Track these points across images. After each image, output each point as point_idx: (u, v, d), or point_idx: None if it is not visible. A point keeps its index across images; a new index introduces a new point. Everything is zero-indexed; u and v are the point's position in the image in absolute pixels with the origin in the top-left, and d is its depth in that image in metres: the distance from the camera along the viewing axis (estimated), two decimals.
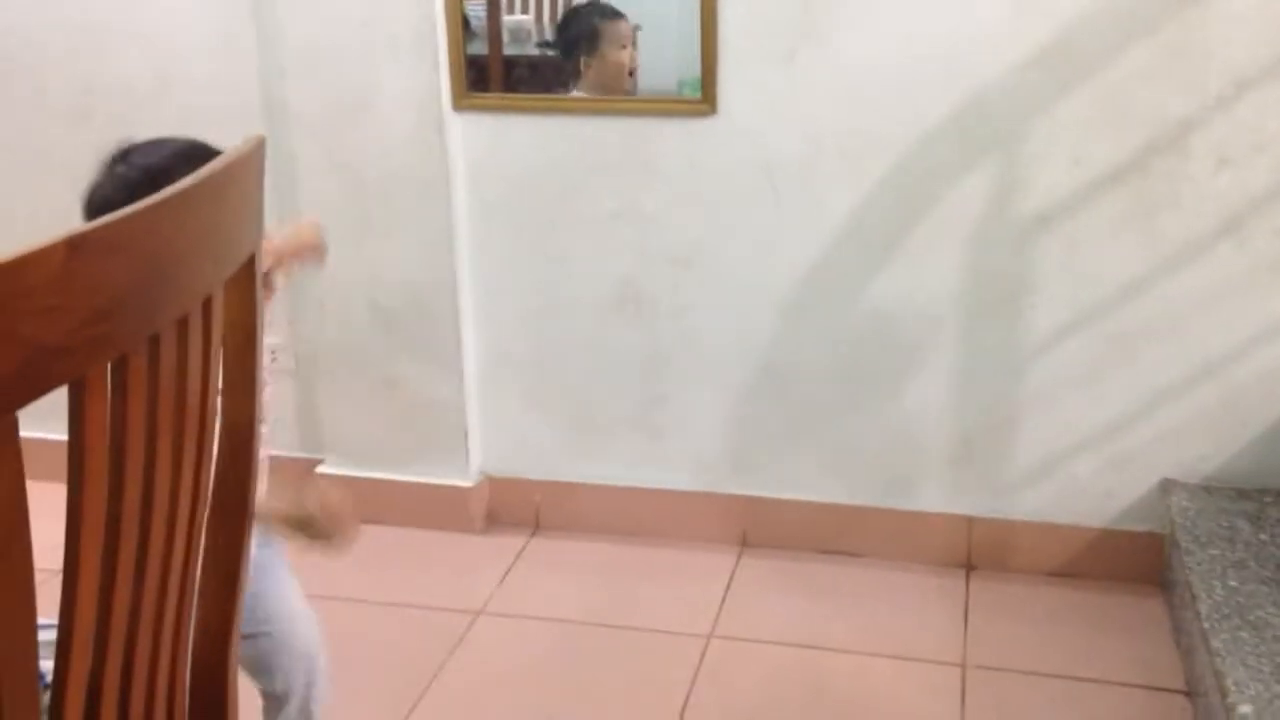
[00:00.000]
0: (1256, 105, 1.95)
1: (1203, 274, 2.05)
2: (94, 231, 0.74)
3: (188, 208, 0.82)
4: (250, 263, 0.95)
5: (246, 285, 0.96)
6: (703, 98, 2.14)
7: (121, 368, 0.79)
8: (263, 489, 1.42)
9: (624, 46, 2.22)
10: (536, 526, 2.51)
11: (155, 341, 0.81)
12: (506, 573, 2.36)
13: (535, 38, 2.74)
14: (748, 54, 2.11)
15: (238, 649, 1.10)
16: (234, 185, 0.88)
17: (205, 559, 1.02)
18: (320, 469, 2.54)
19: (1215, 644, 1.74)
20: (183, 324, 0.85)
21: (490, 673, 2.07)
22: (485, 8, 2.54)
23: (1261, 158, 1.98)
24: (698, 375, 2.34)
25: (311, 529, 1.53)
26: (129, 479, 0.82)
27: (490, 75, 2.40)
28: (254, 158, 0.91)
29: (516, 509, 2.50)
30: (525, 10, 2.77)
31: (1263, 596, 1.84)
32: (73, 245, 0.71)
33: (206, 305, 0.88)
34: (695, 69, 2.14)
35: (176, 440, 0.87)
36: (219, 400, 0.95)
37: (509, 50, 2.60)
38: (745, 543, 2.42)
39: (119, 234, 0.76)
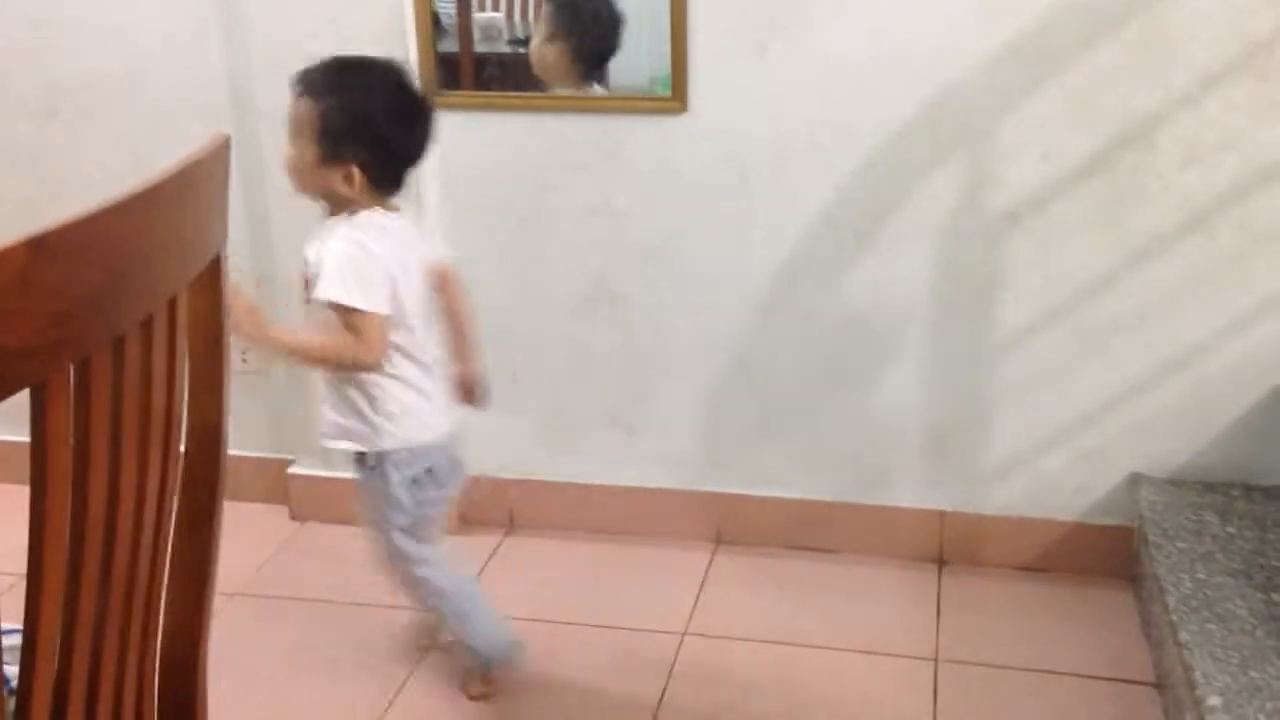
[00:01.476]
0: (1222, 102, 1.97)
1: (1170, 268, 2.07)
2: (56, 233, 0.73)
3: (151, 208, 0.81)
4: (215, 263, 0.94)
5: (212, 285, 0.95)
6: (673, 95, 2.14)
7: (84, 370, 0.78)
8: None
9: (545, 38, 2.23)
10: (510, 525, 2.51)
11: (119, 343, 0.81)
12: (480, 572, 2.36)
13: (506, 35, 2.73)
14: (718, 51, 2.11)
15: (207, 652, 1.09)
16: (198, 185, 0.87)
17: (173, 561, 1.01)
18: (291, 469, 2.53)
19: (1184, 636, 1.75)
20: (147, 325, 0.84)
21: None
22: (455, 5, 2.53)
23: (1227, 154, 1.99)
24: (671, 372, 2.34)
25: None
26: (93, 482, 0.81)
27: (461, 73, 2.39)
28: (219, 157, 0.90)
29: (490, 508, 2.49)
30: (496, 8, 2.76)
31: (1230, 589, 1.85)
32: (33, 247, 0.70)
33: (171, 306, 0.87)
34: (666, 66, 2.13)
35: (142, 442, 0.86)
36: (185, 401, 0.94)
37: (480, 48, 2.59)
38: (719, 539, 2.43)
39: (82, 235, 0.76)
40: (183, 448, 0.97)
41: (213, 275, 0.94)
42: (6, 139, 2.44)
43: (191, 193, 0.86)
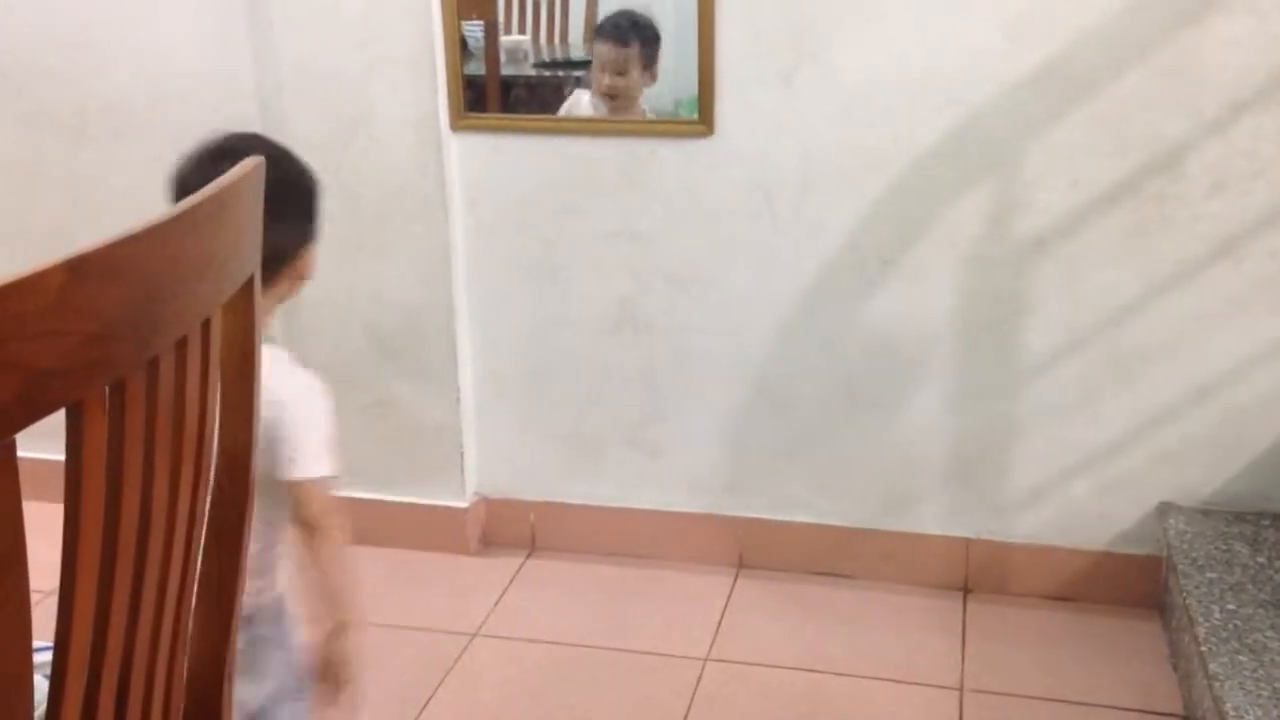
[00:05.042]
0: (1251, 129, 1.96)
1: (1199, 296, 2.06)
2: (93, 255, 0.74)
3: (187, 231, 0.82)
4: (248, 285, 0.95)
5: (245, 308, 0.95)
6: (700, 118, 2.14)
7: (119, 390, 0.79)
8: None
9: (604, 70, 2.24)
10: (532, 547, 2.50)
11: (153, 364, 0.81)
12: (502, 594, 2.35)
13: (532, 58, 2.75)
14: (745, 75, 2.11)
15: (234, 673, 1.09)
16: (233, 208, 0.87)
17: (201, 582, 1.01)
18: None
19: (1213, 668, 1.73)
20: (181, 346, 0.84)
21: (485, 696, 2.06)
22: (483, 29, 2.55)
23: (1257, 181, 1.98)
24: (694, 395, 2.34)
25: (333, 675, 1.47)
26: (126, 502, 0.81)
27: (487, 96, 2.41)
28: (252, 180, 0.91)
29: (512, 530, 2.49)
30: (523, 31, 2.78)
31: (1261, 620, 1.83)
32: (71, 269, 0.70)
33: (205, 328, 0.87)
34: (692, 89, 2.14)
35: (174, 463, 0.86)
36: (217, 423, 0.94)
37: (506, 71, 2.61)
38: (742, 564, 2.41)
39: (118, 257, 0.76)
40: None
41: (245, 297, 0.94)
42: (39, 159, 2.46)
43: (225, 215, 0.87)
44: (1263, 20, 1.91)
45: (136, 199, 1.47)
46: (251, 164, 0.91)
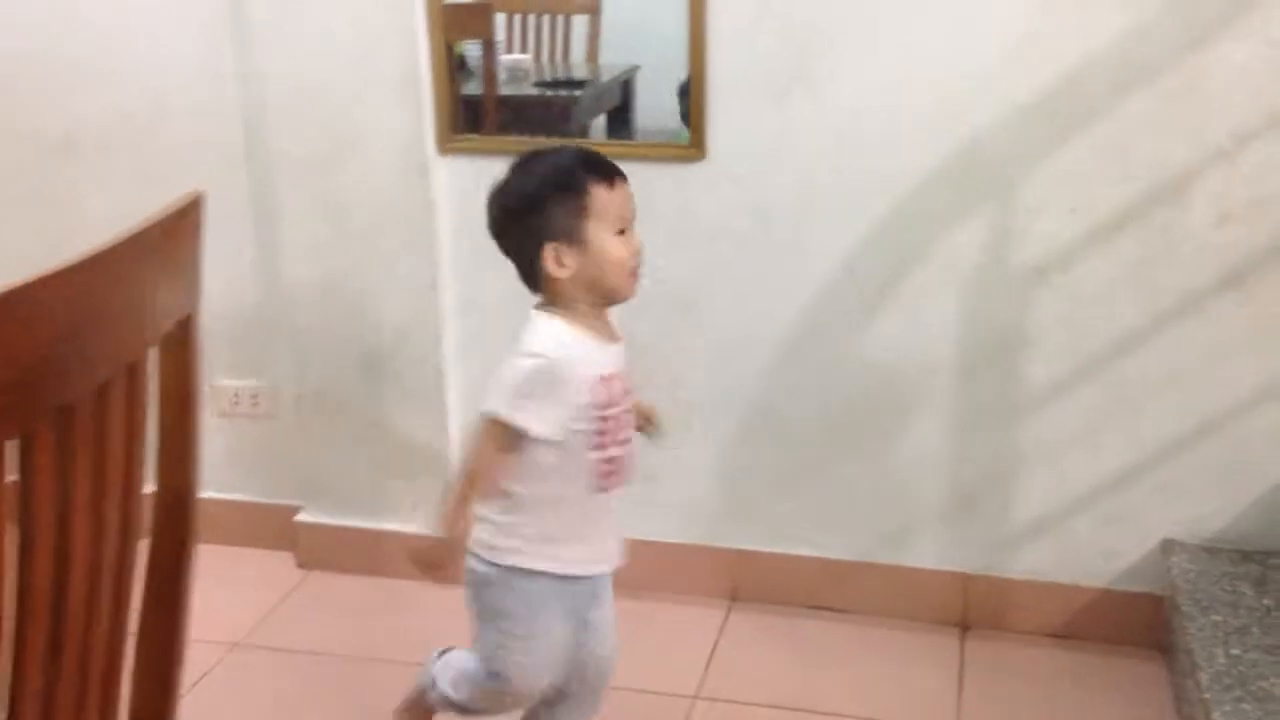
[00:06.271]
0: (1259, 159, 1.90)
1: (1204, 328, 2.00)
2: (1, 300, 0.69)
3: (108, 272, 0.77)
4: (186, 325, 0.90)
5: (182, 349, 0.91)
6: (691, 142, 2.10)
7: (31, 441, 0.74)
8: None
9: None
10: None
11: (67, 411, 0.76)
12: None
13: (533, 77, 2.71)
14: (738, 98, 2.07)
15: None
16: (163, 246, 0.83)
17: (141, 637, 0.96)
18: (299, 516, 2.48)
19: (1217, 716, 1.67)
20: (103, 392, 0.80)
21: None
22: (480, 47, 2.51)
23: (1264, 211, 1.92)
24: (687, 423, 2.28)
25: None
26: (38, 559, 0.76)
27: (485, 115, 2.37)
28: (188, 216, 0.86)
29: None
30: (524, 50, 2.74)
31: (1266, 666, 1.77)
32: None
33: (132, 372, 0.83)
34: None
35: (95, 513, 0.82)
36: (147, 470, 0.89)
37: (506, 89, 2.57)
38: (734, 597, 2.35)
39: (29, 302, 0.72)
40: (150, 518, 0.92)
41: (182, 339, 0.90)
42: (26, 178, 2.43)
43: (155, 255, 0.82)
44: (1274, 47, 1.85)
45: (122, 218, 1.43)
46: (188, 199, 0.87)
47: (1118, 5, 1.89)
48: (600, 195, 1.54)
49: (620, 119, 2.54)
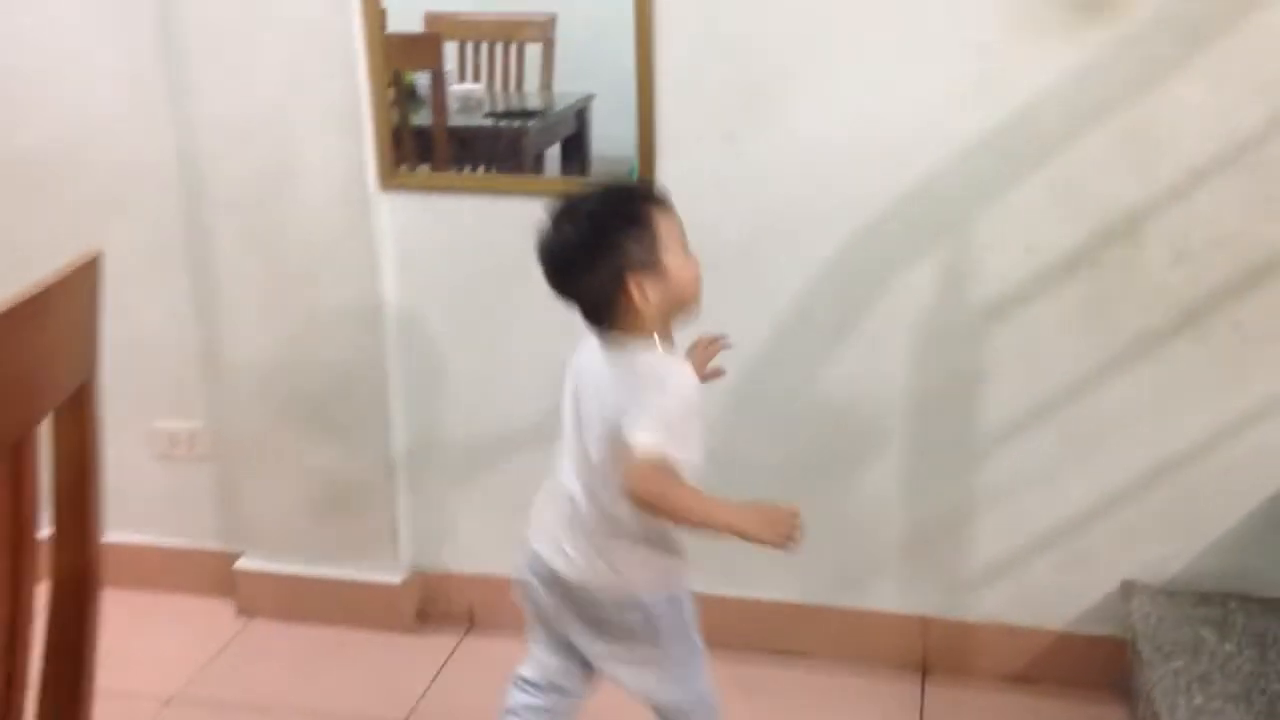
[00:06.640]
0: (1213, 198, 1.88)
1: (1161, 369, 1.97)
2: None
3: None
4: (81, 393, 0.84)
5: (78, 419, 0.84)
6: (640, 179, 2.05)
7: None
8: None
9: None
10: (470, 625, 2.37)
11: None
12: (437, 675, 2.23)
13: (486, 106, 2.66)
14: (687, 137, 2.03)
15: None
16: (53, 312, 0.77)
17: (43, 693, 0.89)
18: (240, 563, 2.40)
19: None
20: None
21: None
22: (430, 77, 2.46)
23: (1219, 251, 1.90)
24: None
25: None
26: None
27: (435, 145, 2.31)
28: (83, 279, 0.80)
29: (449, 606, 2.37)
30: (478, 79, 2.69)
31: (1230, 715, 1.73)
32: None
33: (17, 449, 0.76)
34: (636, 151, 2.05)
35: None
36: (40, 552, 0.83)
37: (458, 119, 2.52)
38: None
39: None
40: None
41: (77, 408, 0.83)
42: None
43: (44, 321, 0.76)
44: (1218, 85, 1.83)
45: (54, 253, 1.37)
46: (83, 260, 0.81)
47: (1071, 44, 1.87)
48: (663, 221, 1.56)
49: (575, 147, 2.49)
